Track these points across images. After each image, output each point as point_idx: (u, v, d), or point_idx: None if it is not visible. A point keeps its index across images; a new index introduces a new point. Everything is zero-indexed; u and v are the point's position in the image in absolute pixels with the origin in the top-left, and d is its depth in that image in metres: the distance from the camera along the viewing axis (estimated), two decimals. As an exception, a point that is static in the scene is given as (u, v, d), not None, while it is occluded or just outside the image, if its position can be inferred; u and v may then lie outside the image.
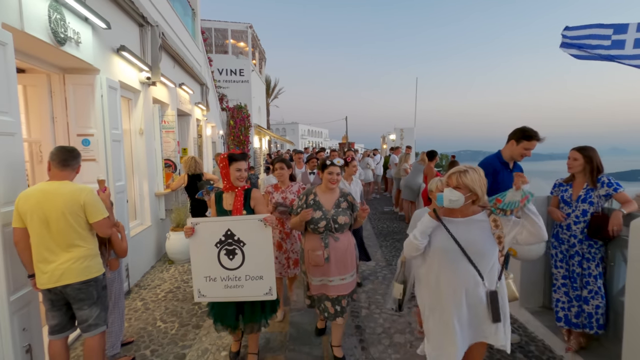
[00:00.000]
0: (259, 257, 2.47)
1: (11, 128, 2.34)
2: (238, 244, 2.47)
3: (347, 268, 2.65)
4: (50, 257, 2.20)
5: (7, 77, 2.31)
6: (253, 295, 2.50)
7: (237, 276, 2.48)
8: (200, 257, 2.50)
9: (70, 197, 2.21)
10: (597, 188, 2.57)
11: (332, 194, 2.70)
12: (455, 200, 1.81)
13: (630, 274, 2.11)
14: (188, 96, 7.73)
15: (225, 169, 2.55)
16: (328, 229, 2.61)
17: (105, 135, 3.74)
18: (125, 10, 4.37)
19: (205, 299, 2.53)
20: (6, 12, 2.38)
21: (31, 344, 2.44)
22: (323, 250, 2.58)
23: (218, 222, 2.49)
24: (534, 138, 2.68)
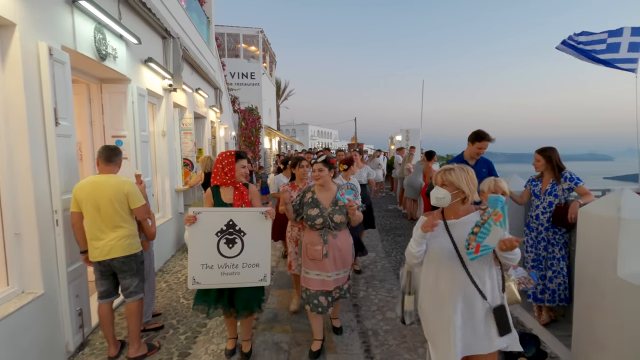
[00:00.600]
0: (257, 246, 2.62)
1: (68, 131, 2.87)
2: (239, 234, 2.59)
3: (344, 264, 2.77)
4: (100, 235, 2.70)
5: (65, 90, 2.84)
6: (248, 282, 2.63)
7: (235, 264, 2.59)
8: (199, 245, 2.57)
9: (116, 187, 2.71)
10: (560, 182, 2.97)
11: (329, 192, 2.78)
12: (441, 198, 1.84)
13: (578, 250, 2.52)
14: (203, 100, 8.27)
15: (231, 165, 2.66)
16: (326, 226, 2.70)
17: (136, 137, 4.27)
18: (151, 25, 4.91)
19: (200, 286, 2.60)
20: (64, 36, 2.91)
21: (82, 308, 2.96)
22: (322, 246, 2.68)
23: (220, 212, 2.60)
24: (484, 139, 3.16)
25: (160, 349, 2.95)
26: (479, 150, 3.41)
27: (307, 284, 2.76)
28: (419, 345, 2.99)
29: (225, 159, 2.67)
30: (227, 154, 2.70)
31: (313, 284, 2.73)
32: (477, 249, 1.73)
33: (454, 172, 1.87)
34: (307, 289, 2.77)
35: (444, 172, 1.89)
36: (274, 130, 20.21)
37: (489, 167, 3.48)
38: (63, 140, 2.79)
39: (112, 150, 2.83)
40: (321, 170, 2.74)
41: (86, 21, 3.21)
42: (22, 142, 2.47)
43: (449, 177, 1.86)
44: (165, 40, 5.46)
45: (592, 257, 2.39)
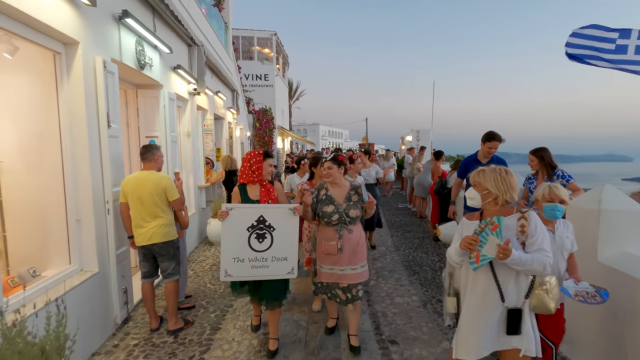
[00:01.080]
0: (285, 241, 2.72)
1: (117, 132, 3.30)
2: (268, 229, 2.70)
3: (358, 258, 2.79)
4: (143, 223, 3.12)
5: (114, 97, 3.27)
6: (277, 274, 2.74)
7: (264, 257, 2.71)
8: (231, 239, 2.67)
9: (156, 182, 3.12)
10: (553, 180, 3.26)
11: (342, 188, 2.83)
12: (472, 198, 1.88)
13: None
14: (222, 102, 8.72)
15: (260, 164, 2.79)
16: (341, 222, 2.75)
17: (166, 137, 4.71)
18: (179, 35, 5.35)
19: (231, 278, 2.71)
20: (113, 49, 3.34)
21: (126, 287, 3.39)
22: (337, 241, 2.73)
23: (251, 208, 2.71)
24: (494, 139, 3.45)
25: (194, 324, 3.36)
26: (489, 149, 3.71)
27: (321, 278, 2.84)
28: (424, 324, 3.32)
29: (254, 158, 2.81)
30: (255, 153, 2.83)
31: (327, 277, 2.81)
32: (477, 258, 1.77)
33: (483, 173, 1.89)
34: (320, 282, 2.86)
35: (476, 173, 1.93)
36: (286, 131, 20.64)
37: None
38: (113, 140, 3.22)
39: (144, 148, 3.23)
40: (330, 167, 2.80)
41: (129, 35, 3.64)
42: (82, 143, 2.89)
43: (477, 178, 1.90)
44: (190, 47, 5.90)
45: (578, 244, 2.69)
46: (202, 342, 3.07)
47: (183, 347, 2.98)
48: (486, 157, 3.81)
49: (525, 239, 1.79)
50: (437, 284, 4.30)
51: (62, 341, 1.78)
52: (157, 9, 4.33)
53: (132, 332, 3.23)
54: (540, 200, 2.19)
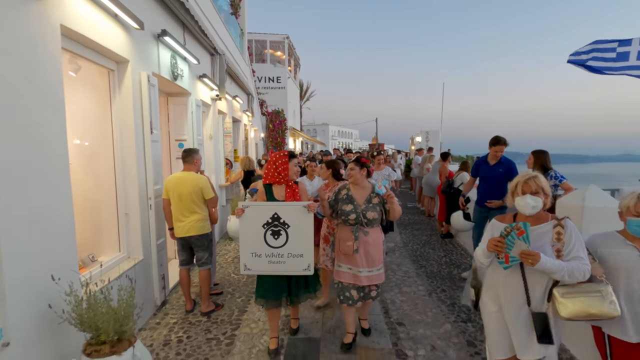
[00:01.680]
0: (301, 238, 2.78)
1: (157, 137, 3.76)
2: (283, 226, 2.77)
3: (374, 262, 2.86)
4: (182, 218, 3.56)
5: (155, 106, 3.72)
6: (293, 270, 2.82)
7: (280, 253, 2.79)
8: (248, 235, 2.79)
9: (194, 183, 3.56)
10: (547, 179, 3.58)
11: (364, 189, 2.92)
12: (536, 206, 1.83)
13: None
14: (239, 105, 9.19)
15: (285, 165, 2.86)
16: (358, 222, 2.82)
17: (193, 140, 5.16)
18: (204, 46, 5.81)
19: (250, 272, 2.84)
20: (153, 64, 3.80)
21: (164, 274, 3.84)
22: (353, 242, 2.79)
23: (266, 206, 2.80)
24: (499, 143, 3.80)
25: (224, 307, 3.80)
26: (495, 152, 4.05)
27: (339, 277, 2.93)
28: (428, 310, 3.69)
29: (280, 159, 2.87)
30: (280, 155, 2.91)
31: (344, 277, 2.89)
32: (506, 259, 1.83)
33: (540, 177, 1.88)
34: (339, 282, 2.94)
35: (534, 179, 1.86)
36: (297, 131, 21.09)
37: (506, 167, 4.04)
38: (155, 144, 3.67)
39: (185, 152, 3.68)
40: (352, 169, 2.92)
41: (166, 51, 4.10)
42: (130, 146, 3.35)
43: (540, 183, 1.85)
44: (213, 57, 6.36)
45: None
46: (232, 321, 3.50)
47: (216, 325, 3.42)
48: (494, 159, 4.13)
49: (561, 246, 1.78)
50: (442, 276, 4.66)
51: (131, 309, 2.22)
52: (187, 24, 4.79)
53: (170, 312, 3.68)
54: (625, 213, 1.92)
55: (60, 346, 2.23)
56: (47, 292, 2.09)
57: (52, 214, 2.22)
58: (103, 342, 2.10)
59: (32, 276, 2.02)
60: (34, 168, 2.05)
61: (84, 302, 2.12)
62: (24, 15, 2.01)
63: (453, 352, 2.94)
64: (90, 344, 2.10)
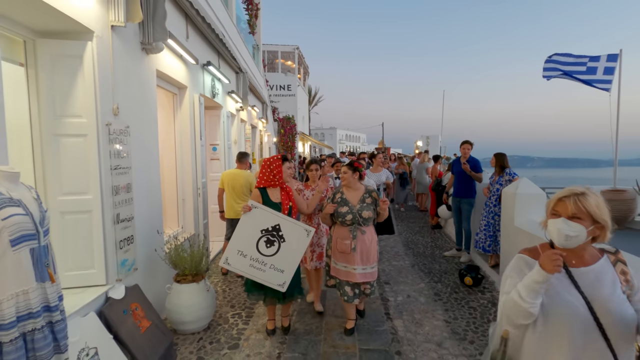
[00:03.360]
0: (289, 256, 2.86)
1: (204, 142, 4.96)
2: (279, 239, 2.82)
3: (369, 259, 3.02)
4: (234, 204, 4.69)
5: (202, 119, 4.92)
6: (269, 282, 2.86)
7: (265, 262, 2.85)
8: (244, 233, 2.84)
9: (245, 178, 4.71)
10: (504, 176, 4.66)
11: (357, 191, 3.08)
12: (574, 237, 1.26)
13: (502, 214, 4.24)
14: (255, 113, 10.40)
15: (279, 168, 2.95)
16: (355, 222, 2.96)
17: (224, 144, 6.36)
18: (232, 67, 7.02)
19: (229, 267, 2.89)
20: (200, 87, 5.00)
21: (207, 247, 5.02)
22: (351, 241, 2.94)
23: (273, 214, 2.85)
24: (466, 143, 4.90)
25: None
26: (463, 151, 5.16)
27: (336, 274, 3.11)
28: (409, 276, 4.78)
29: (274, 163, 2.98)
30: (275, 158, 3.02)
31: (340, 274, 3.06)
32: None
33: (590, 197, 1.29)
34: (336, 277, 3.14)
35: (576, 197, 1.29)
36: (306, 136, 22.30)
37: (471, 164, 5.06)
38: (202, 148, 4.87)
39: (241, 154, 4.85)
40: (345, 172, 3.10)
41: (208, 76, 5.30)
42: (186, 150, 4.54)
43: (587, 205, 1.28)
44: (237, 75, 7.57)
45: (506, 217, 4.12)
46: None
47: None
48: (464, 157, 5.23)
49: (630, 291, 1.28)
50: (425, 255, 5.74)
51: (202, 255, 3.39)
52: (221, 52, 5.99)
53: (213, 275, 4.84)
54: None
55: (161, 276, 3.42)
56: (153, 241, 3.28)
57: (151, 192, 3.41)
58: (186, 275, 3.28)
59: (146, 230, 3.20)
60: (144, 164, 3.24)
61: (172, 250, 3.31)
62: (140, 66, 3.21)
63: (423, 299, 4.04)
64: (179, 274, 3.28)
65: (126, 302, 2.69)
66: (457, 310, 3.72)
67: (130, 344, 2.49)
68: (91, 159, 2.50)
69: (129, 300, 2.74)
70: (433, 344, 3.11)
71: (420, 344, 3.11)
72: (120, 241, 2.75)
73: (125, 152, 2.82)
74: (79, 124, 2.46)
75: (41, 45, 2.37)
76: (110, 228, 2.64)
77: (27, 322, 1.55)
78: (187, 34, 4.42)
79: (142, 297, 2.92)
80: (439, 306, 3.85)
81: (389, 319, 3.54)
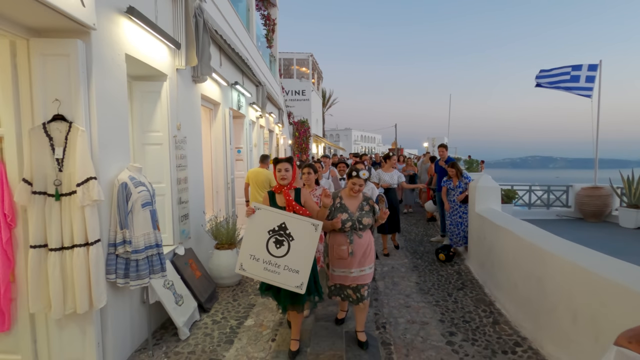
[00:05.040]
0: (301, 254, 2.71)
1: (233, 146, 6.20)
2: (287, 237, 2.71)
3: (366, 261, 3.01)
4: (257, 195, 5.90)
5: (229, 128, 6.16)
6: (285, 284, 2.72)
7: (278, 264, 2.72)
8: (252, 237, 2.76)
9: (266, 175, 5.89)
10: (462, 180, 5.69)
11: (356, 198, 3.05)
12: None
13: (469, 206, 5.29)
14: (272, 119, 11.65)
15: (273, 171, 2.94)
16: (353, 229, 2.96)
17: (247, 147, 7.61)
18: (253, 81, 8.28)
19: (244, 272, 2.79)
20: (229, 102, 6.24)
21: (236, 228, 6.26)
22: (348, 246, 2.93)
23: (277, 213, 2.76)
24: (442, 146, 5.96)
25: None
26: (440, 153, 6.23)
27: (334, 280, 3.07)
28: (397, 253, 5.87)
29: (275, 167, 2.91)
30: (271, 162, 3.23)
31: (339, 279, 3.04)
32: None
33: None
34: (334, 284, 3.10)
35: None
36: (320, 138, 23.51)
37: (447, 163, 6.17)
38: (231, 151, 6.12)
39: (263, 156, 6.05)
40: (362, 185, 3.01)
41: (235, 92, 6.55)
42: (220, 153, 5.79)
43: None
44: (257, 87, 8.82)
45: (472, 206, 5.16)
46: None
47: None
48: (443, 158, 6.29)
49: None
50: (415, 240, 6.80)
51: (235, 231, 4.61)
52: (245, 72, 7.24)
53: (239, 252, 6.07)
54: None
55: (204, 244, 4.67)
56: (199, 220, 4.53)
57: (198, 184, 4.65)
58: (223, 244, 4.51)
59: (195, 211, 4.44)
60: (194, 163, 4.48)
61: (213, 226, 4.54)
62: (192, 93, 4.45)
63: (403, 269, 5.13)
64: (218, 243, 4.52)
65: (186, 258, 3.93)
66: (428, 276, 4.81)
67: (190, 284, 3.72)
68: (164, 159, 3.75)
69: (187, 257, 3.97)
70: (403, 295, 4.21)
71: (393, 295, 4.22)
72: (181, 216, 3.99)
73: (184, 155, 4.06)
74: (157, 136, 3.71)
75: (136, 86, 3.62)
76: (175, 207, 3.88)
77: (148, 250, 2.78)
78: (221, 61, 5.66)
79: (195, 256, 4.15)
80: (415, 274, 4.94)
81: (374, 281, 4.66)
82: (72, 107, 2.43)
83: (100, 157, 2.59)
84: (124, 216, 2.64)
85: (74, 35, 2.42)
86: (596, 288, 2.38)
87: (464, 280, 4.65)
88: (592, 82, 8.69)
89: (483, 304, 3.93)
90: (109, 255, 2.65)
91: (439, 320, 3.58)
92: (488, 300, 4.04)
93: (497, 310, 3.76)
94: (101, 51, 2.62)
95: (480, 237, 4.77)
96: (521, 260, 3.47)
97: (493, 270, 4.21)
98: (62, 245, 2.40)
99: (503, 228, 3.93)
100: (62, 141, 2.39)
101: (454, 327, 3.44)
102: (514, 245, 3.65)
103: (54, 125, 2.39)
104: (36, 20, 2.30)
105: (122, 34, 2.90)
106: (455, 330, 3.37)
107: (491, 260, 4.28)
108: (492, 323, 3.50)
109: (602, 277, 2.33)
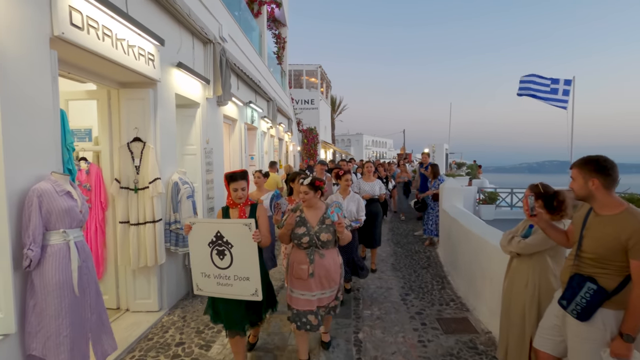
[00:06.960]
0: (245, 259, 2.60)
1: (247, 153, 7.52)
2: (227, 246, 2.60)
3: (329, 284, 2.78)
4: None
5: (245, 140, 7.47)
6: (241, 295, 2.65)
7: (227, 275, 2.63)
8: (197, 253, 2.68)
9: (274, 178, 7.11)
10: (437, 181, 6.83)
11: (317, 210, 2.80)
12: None
13: (440, 204, 6.44)
14: (282, 128, 12.97)
15: (227, 188, 2.75)
16: (312, 245, 2.71)
17: (259, 154, 8.92)
18: (264, 98, 9.61)
19: (202, 292, 2.71)
20: (244, 117, 7.57)
21: (248, 224, 7.56)
22: (308, 266, 2.69)
23: (210, 223, 2.71)
24: (424, 154, 7.15)
25: (278, 240, 7.44)
26: (424, 159, 7.41)
27: (293, 303, 2.78)
28: (384, 243, 7.03)
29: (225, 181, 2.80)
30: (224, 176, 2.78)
31: (299, 304, 2.75)
32: None
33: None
34: (293, 308, 2.78)
35: None
36: (328, 144, 24.78)
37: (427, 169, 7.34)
38: (246, 158, 7.42)
39: (272, 163, 7.38)
40: (306, 193, 2.77)
41: (249, 109, 7.88)
42: (237, 159, 7.11)
43: None
44: (268, 102, 10.16)
45: (441, 204, 6.31)
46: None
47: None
48: (425, 163, 7.46)
49: None
50: (400, 233, 7.95)
51: (248, 221, 5.87)
52: (258, 91, 8.57)
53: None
54: None
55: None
56: (221, 212, 5.83)
57: (220, 185, 5.93)
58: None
59: (218, 204, 5.73)
60: (217, 168, 5.78)
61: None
62: (217, 114, 5.77)
63: (384, 254, 6.29)
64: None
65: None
66: (402, 260, 5.97)
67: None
68: (197, 166, 5.05)
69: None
70: (378, 272, 5.39)
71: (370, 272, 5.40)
72: (208, 208, 5.28)
73: (211, 162, 5.36)
74: (192, 149, 5.02)
75: (179, 112, 4.94)
76: (205, 201, 5.17)
77: (191, 228, 4.06)
78: (238, 86, 6.99)
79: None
80: (393, 258, 6.10)
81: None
82: (145, 132, 3.75)
83: (162, 165, 3.90)
84: (175, 204, 3.94)
85: (147, 86, 3.74)
86: (486, 248, 3.57)
87: (430, 262, 5.80)
88: (567, 95, 9.71)
89: (438, 277, 5.08)
90: (165, 230, 3.94)
91: (401, 287, 4.75)
92: (443, 275, 5.19)
93: (447, 281, 4.91)
94: (162, 94, 3.95)
95: (445, 228, 5.92)
96: (462, 241, 4.63)
97: (451, 253, 5.35)
98: (138, 222, 3.71)
99: (455, 219, 5.08)
100: (139, 154, 3.70)
101: (410, 290, 4.61)
102: (459, 231, 4.80)
103: (134, 144, 3.70)
104: (125, 78, 3.63)
105: (173, 80, 4.23)
106: (410, 292, 4.54)
107: (450, 245, 5.42)
108: (439, 289, 4.66)
109: (485, 240, 3.53)
